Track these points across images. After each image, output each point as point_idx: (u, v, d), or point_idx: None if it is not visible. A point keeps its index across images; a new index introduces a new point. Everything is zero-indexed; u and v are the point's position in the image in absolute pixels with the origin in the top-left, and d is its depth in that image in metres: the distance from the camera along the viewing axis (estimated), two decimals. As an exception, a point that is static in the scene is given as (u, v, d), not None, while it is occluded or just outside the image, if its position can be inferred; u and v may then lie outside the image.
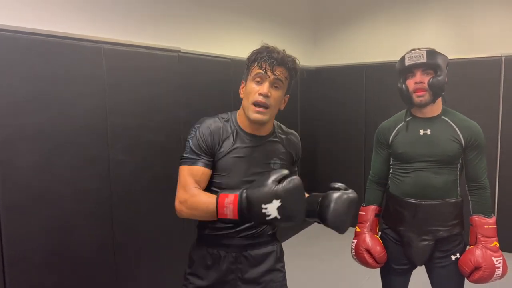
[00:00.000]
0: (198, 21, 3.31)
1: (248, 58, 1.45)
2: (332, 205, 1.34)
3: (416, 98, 1.79)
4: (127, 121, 2.57)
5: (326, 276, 3.58)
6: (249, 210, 1.18)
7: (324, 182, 5.25)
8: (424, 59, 1.75)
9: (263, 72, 1.38)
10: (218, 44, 3.49)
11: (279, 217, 1.15)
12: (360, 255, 1.96)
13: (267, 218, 1.16)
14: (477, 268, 1.74)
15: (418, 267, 1.95)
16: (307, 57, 4.93)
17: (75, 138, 2.30)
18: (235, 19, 3.73)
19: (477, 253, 1.74)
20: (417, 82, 1.78)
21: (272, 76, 1.39)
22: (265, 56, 1.39)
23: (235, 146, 1.44)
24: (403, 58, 1.84)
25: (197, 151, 1.41)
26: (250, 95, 1.41)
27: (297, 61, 1.45)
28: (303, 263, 3.85)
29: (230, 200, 1.22)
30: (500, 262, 1.74)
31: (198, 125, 1.46)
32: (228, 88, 3.31)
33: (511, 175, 3.87)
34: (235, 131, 1.47)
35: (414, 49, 1.81)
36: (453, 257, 1.83)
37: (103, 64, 2.44)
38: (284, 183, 1.17)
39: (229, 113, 1.53)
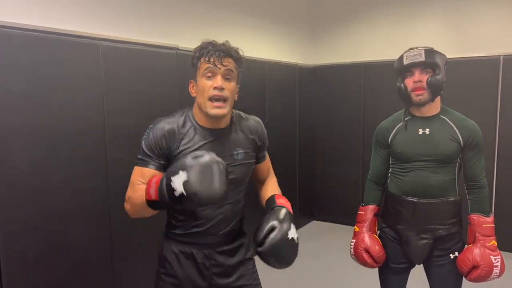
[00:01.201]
0: (196, 18, 3.30)
1: (193, 56, 1.44)
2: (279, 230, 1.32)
3: (415, 97, 1.79)
4: (124, 118, 2.56)
5: (323, 274, 3.58)
6: (162, 189, 1.15)
7: (321, 181, 5.27)
8: (423, 58, 1.75)
9: (213, 66, 1.37)
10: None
11: (184, 193, 1.09)
12: (359, 255, 1.96)
13: (175, 194, 1.11)
14: (475, 267, 1.74)
15: (416, 265, 1.95)
16: (305, 56, 4.93)
17: (72, 135, 2.29)
18: (233, 17, 3.72)
19: (475, 252, 1.74)
20: (415, 81, 1.78)
21: (223, 68, 1.38)
22: (211, 50, 1.38)
23: (194, 142, 1.42)
24: (401, 57, 1.83)
25: (149, 153, 1.40)
26: (204, 91, 1.38)
27: (241, 51, 1.45)
28: (300, 261, 3.85)
29: (156, 179, 1.21)
30: (498, 261, 1.74)
31: (152, 126, 1.44)
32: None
33: (508, 174, 3.88)
34: (192, 128, 1.44)
35: (412, 48, 1.81)
36: (451, 256, 1.84)
37: (100, 61, 2.43)
38: (198, 159, 1.12)
39: (184, 110, 1.51)
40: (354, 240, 2.00)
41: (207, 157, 1.15)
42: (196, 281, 1.49)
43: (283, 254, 1.33)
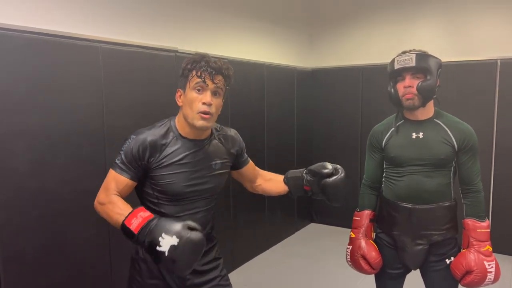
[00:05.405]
0: (195, 21, 3.31)
1: (184, 67, 1.48)
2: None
3: (405, 102, 1.77)
4: (124, 120, 2.56)
5: (321, 276, 3.59)
6: (150, 232, 1.26)
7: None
8: (413, 63, 1.73)
9: (203, 82, 1.43)
10: (215, 45, 3.49)
11: (166, 253, 1.21)
12: (356, 262, 1.95)
13: (157, 248, 1.22)
14: (469, 272, 1.73)
15: (412, 270, 1.95)
16: (304, 58, 4.94)
17: (72, 137, 2.30)
18: (232, 20, 3.73)
19: (469, 257, 1.74)
20: (406, 86, 1.76)
21: (212, 85, 1.44)
22: (204, 66, 1.43)
23: (177, 153, 1.47)
24: (393, 61, 1.81)
25: (127, 164, 1.45)
26: (193, 104, 1.44)
27: (231, 70, 1.51)
28: (298, 263, 3.87)
29: (144, 215, 1.31)
30: (492, 267, 1.73)
31: (134, 137, 1.47)
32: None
33: (505, 177, 3.89)
34: (174, 138, 1.49)
35: (405, 51, 1.79)
36: (447, 261, 1.83)
37: (100, 63, 2.44)
38: (192, 233, 1.25)
39: (166, 120, 1.55)
40: (350, 247, 1.99)
41: (199, 235, 1.26)
42: (170, 281, 1.55)
43: (345, 187, 1.69)
